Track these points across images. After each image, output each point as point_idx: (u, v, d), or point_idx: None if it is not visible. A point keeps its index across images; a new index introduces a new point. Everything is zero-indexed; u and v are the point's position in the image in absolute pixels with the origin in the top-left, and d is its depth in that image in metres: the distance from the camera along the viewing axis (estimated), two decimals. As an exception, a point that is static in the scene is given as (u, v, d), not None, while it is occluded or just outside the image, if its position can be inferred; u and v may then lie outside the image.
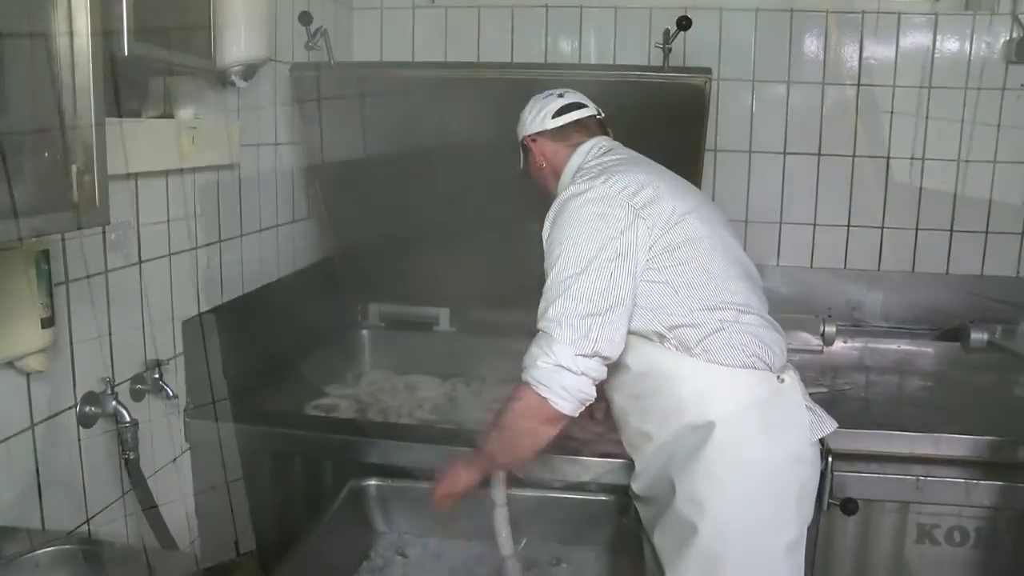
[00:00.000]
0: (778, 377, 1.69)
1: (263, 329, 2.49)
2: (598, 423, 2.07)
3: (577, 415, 1.66)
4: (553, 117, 1.93)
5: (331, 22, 2.84)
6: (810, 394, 1.78)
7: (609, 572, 1.89)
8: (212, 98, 2.17)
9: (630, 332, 1.69)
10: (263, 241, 2.52)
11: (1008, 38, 2.89)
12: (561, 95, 1.98)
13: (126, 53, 1.50)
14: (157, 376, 1.93)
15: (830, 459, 1.93)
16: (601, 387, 1.75)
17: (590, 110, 1.98)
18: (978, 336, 2.84)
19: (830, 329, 2.87)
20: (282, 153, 2.63)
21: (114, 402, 1.76)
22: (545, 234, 1.75)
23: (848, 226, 3.11)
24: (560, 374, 1.61)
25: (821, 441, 1.90)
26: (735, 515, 1.64)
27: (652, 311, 1.68)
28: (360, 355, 3.07)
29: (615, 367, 1.75)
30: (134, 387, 1.90)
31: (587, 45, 3.06)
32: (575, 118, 1.95)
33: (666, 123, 2.41)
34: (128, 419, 1.76)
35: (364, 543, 1.94)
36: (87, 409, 1.74)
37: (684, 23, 2.35)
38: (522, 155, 2.03)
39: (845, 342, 2.97)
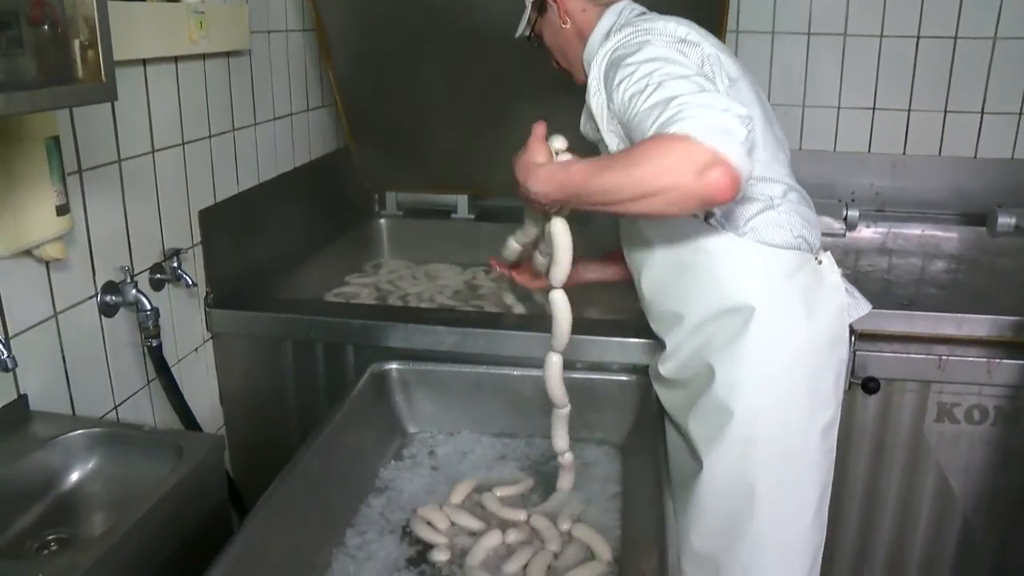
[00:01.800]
0: (816, 259, 1.61)
1: (280, 219, 2.48)
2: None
3: (741, 174, 1.22)
4: None
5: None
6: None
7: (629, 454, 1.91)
8: (218, -19, 2.11)
9: None
10: (277, 130, 2.49)
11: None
12: None
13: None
14: (176, 265, 1.93)
15: (853, 338, 1.92)
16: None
17: None
18: (1005, 220, 2.79)
19: (853, 213, 2.83)
20: (294, 40, 2.58)
21: (134, 290, 1.77)
22: (597, 99, 1.53)
23: (873, 109, 3.02)
24: (726, 118, 1.24)
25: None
26: (772, 398, 1.59)
27: None
28: (378, 244, 3.08)
29: (644, 244, 1.66)
30: (153, 277, 1.91)
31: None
32: None
33: (685, 2, 2.32)
34: (149, 307, 1.78)
35: (385, 425, 1.97)
36: (108, 298, 1.75)
37: None
38: (532, 16, 1.81)
39: (868, 226, 2.94)
